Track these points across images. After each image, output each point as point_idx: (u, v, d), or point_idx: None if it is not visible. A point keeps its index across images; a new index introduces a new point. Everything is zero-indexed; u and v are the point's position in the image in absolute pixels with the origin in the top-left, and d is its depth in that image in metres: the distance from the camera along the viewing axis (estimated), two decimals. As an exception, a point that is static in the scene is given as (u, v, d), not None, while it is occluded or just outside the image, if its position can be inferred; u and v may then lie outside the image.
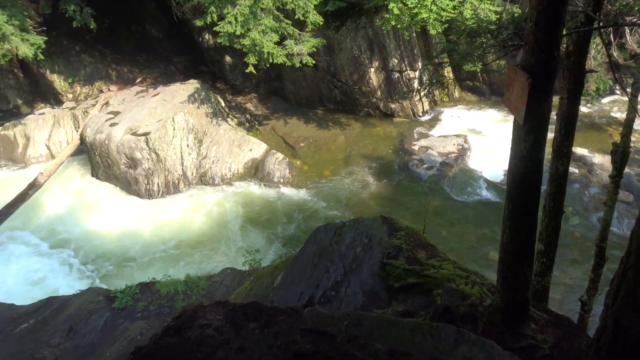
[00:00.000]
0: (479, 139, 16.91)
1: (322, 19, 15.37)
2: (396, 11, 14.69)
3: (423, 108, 18.65)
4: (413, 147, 16.49)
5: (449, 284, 5.25)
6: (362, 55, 17.69)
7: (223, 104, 18.48)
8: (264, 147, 16.85)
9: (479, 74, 19.12)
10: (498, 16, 14.70)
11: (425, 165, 15.69)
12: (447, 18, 15.01)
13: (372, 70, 17.94)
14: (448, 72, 18.77)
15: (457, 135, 16.81)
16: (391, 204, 14.28)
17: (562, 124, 4.85)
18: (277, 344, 2.54)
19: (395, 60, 17.63)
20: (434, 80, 15.77)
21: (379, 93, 18.38)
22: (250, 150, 16.67)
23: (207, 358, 2.57)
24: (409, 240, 6.35)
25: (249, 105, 19.63)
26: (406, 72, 17.87)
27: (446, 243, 11.68)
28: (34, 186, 14.72)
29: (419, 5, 14.48)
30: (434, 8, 14.48)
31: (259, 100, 20.01)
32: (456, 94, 19.58)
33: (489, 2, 15.30)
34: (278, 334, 2.62)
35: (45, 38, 15.48)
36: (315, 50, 15.78)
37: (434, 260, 5.91)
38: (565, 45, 4.50)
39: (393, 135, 17.67)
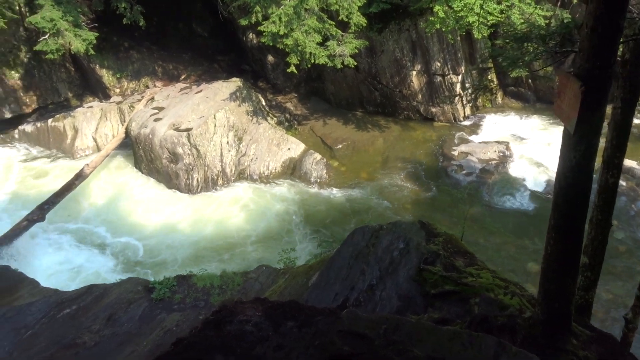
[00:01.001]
0: (521, 146, 16.50)
1: (366, 21, 15.34)
2: (441, 14, 14.51)
3: (464, 113, 18.35)
4: (452, 153, 16.24)
5: (487, 293, 5.15)
6: (404, 58, 17.55)
7: (264, 103, 18.68)
8: (302, 146, 16.94)
9: (524, 80, 18.67)
10: (547, 21, 14.34)
11: (464, 171, 15.44)
12: (494, 22, 14.72)
13: (414, 73, 17.77)
14: (492, 77, 18.40)
15: (498, 142, 16.45)
16: (428, 209, 14.11)
17: (614, 135, 4.68)
18: (314, 344, 2.56)
19: (438, 64, 17.41)
20: (482, 86, 15.45)
21: (419, 96, 18.19)
22: (289, 149, 16.80)
23: (245, 353, 2.61)
24: (447, 247, 6.27)
25: (289, 105, 19.77)
26: (448, 76, 17.62)
27: (483, 251, 11.46)
28: (80, 176, 15.27)
29: (465, 9, 14.25)
30: (481, 12, 14.21)
31: (299, 100, 20.14)
32: (499, 100, 19.16)
33: (537, 6, 14.91)
34: (316, 334, 2.64)
35: (97, 34, 16.06)
36: (357, 51, 15.76)
37: (472, 268, 5.81)
38: (621, 54, 4.34)
39: (432, 139, 17.46)
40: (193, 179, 15.74)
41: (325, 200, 15.07)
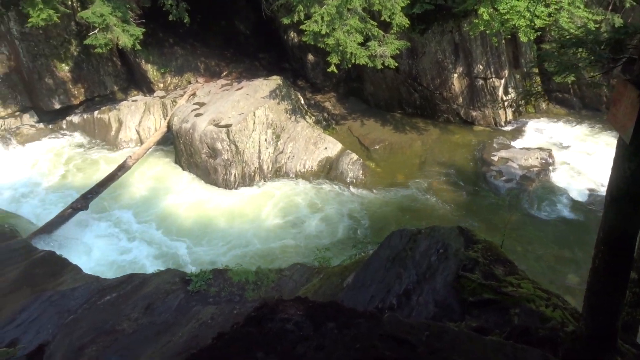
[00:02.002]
0: (564, 154, 16.04)
1: (408, 21, 15.20)
2: (486, 17, 14.23)
3: (506, 118, 17.95)
4: (492, 158, 15.92)
5: (527, 304, 5.03)
6: (446, 60, 17.32)
7: (302, 102, 18.77)
8: (339, 146, 16.94)
9: (570, 85, 18.13)
10: (597, 26, 13.87)
11: (504, 178, 15.11)
12: (541, 26, 14.34)
13: (455, 75, 17.50)
14: (537, 82, 17.93)
15: (540, 149, 16.04)
16: (465, 214, 13.88)
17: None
18: (355, 347, 2.56)
19: (481, 67, 17.10)
20: (534, 91, 15.04)
21: (460, 99, 17.91)
22: (326, 148, 16.83)
23: (286, 352, 2.63)
24: (487, 254, 6.15)
25: (327, 104, 19.80)
26: (491, 80, 17.28)
27: (521, 260, 11.19)
28: (122, 168, 15.73)
29: (511, 12, 13.94)
30: (527, 15, 13.88)
31: (338, 100, 20.14)
32: (543, 106, 18.66)
33: (587, 10, 14.45)
34: (357, 337, 2.64)
35: (143, 30, 16.48)
36: (398, 52, 15.64)
37: (512, 277, 5.68)
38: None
39: (472, 143, 17.15)
40: (231, 175, 15.97)
41: (361, 201, 15.02)
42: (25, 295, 8.94)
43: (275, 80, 18.13)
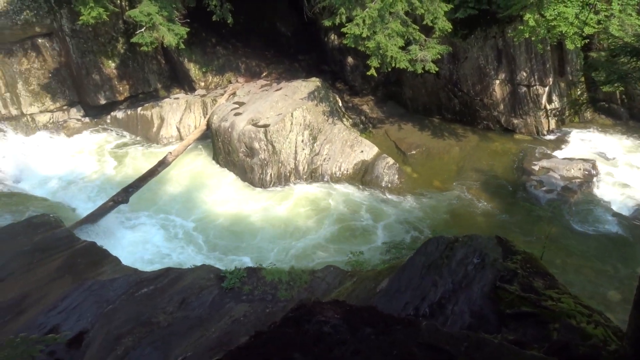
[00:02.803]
0: (609, 166, 15.52)
1: (451, 26, 15.01)
2: (532, 23, 13.92)
3: (549, 126, 17.49)
4: (533, 167, 15.55)
5: (568, 319, 4.89)
6: (488, 66, 17.01)
7: (340, 104, 18.79)
8: (375, 150, 16.87)
9: (618, 95, 17.52)
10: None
11: (544, 188, 14.73)
12: (589, 33, 13.92)
13: (497, 82, 17.17)
14: (582, 91, 17.40)
15: (584, 160, 15.55)
16: (503, 223, 13.60)
17: None
18: (393, 353, 2.55)
19: (524, 74, 16.72)
20: (581, 101, 14.59)
21: (501, 106, 17.56)
22: (362, 152, 16.79)
23: (323, 355, 2.64)
24: (526, 266, 6.01)
25: (365, 107, 19.76)
26: (534, 87, 16.87)
27: (561, 274, 10.84)
28: (163, 163, 16.10)
29: (559, 18, 13.59)
30: (576, 22, 13.49)
31: (375, 103, 20.07)
32: (588, 115, 18.09)
33: (639, 18, 13.96)
34: (394, 343, 2.62)
35: (188, 29, 16.84)
36: (439, 57, 15.47)
37: (552, 291, 5.53)
38: None
39: (512, 152, 16.79)
40: (267, 174, 16.13)
41: (396, 205, 14.92)
42: (68, 284, 9.26)
43: (314, 82, 18.21)
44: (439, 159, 16.79)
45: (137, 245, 13.55)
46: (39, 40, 18.34)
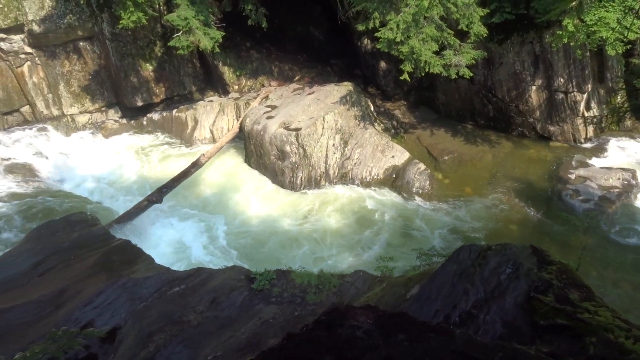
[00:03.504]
0: (650, 176, 15.01)
1: (487, 31, 14.82)
2: (571, 28, 13.59)
3: (586, 134, 17.01)
4: (569, 176, 15.16)
5: (605, 333, 4.74)
6: (525, 72, 16.70)
7: (372, 108, 18.75)
8: (406, 155, 16.77)
9: (661, 103, 16.93)
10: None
11: (580, 197, 14.34)
12: (632, 39, 13.51)
13: (534, 88, 16.83)
14: (623, 98, 16.88)
15: (623, 169, 15.08)
16: (536, 233, 13.31)
17: None
18: (425, 361, 2.53)
19: (562, 80, 16.34)
20: (623, 109, 14.17)
21: (537, 113, 17.20)
22: (393, 157, 16.72)
23: (354, 359, 2.65)
24: (561, 277, 5.86)
25: (397, 112, 19.66)
26: (572, 94, 16.46)
27: (597, 286, 10.56)
28: (196, 165, 16.39)
29: (599, 23, 13.23)
30: (617, 27, 13.12)
31: (408, 108, 19.95)
32: (628, 123, 17.52)
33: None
34: (427, 351, 2.61)
35: (223, 33, 17.11)
36: (474, 62, 15.28)
37: (588, 303, 5.38)
38: None
39: (547, 160, 16.42)
40: (297, 177, 16.22)
41: (426, 211, 14.78)
42: (103, 280, 9.50)
43: (346, 86, 18.24)
44: (472, 166, 16.56)
45: (169, 244, 13.82)
46: (81, 44, 18.94)
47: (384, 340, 2.78)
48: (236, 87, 20.69)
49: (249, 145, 17.26)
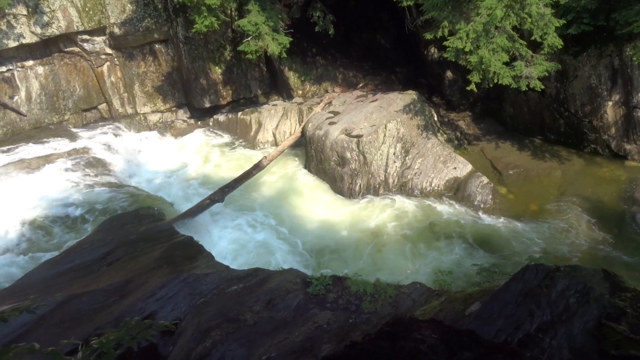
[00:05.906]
0: None
1: (562, 42, 14.22)
2: (656, 41, 12.81)
3: (667, 154, 15.94)
4: (646, 198, 14.25)
5: (685, 369, 4.41)
6: (601, 86, 15.87)
7: (435, 118, 18.46)
8: (469, 167, 16.36)
9: None
10: None
11: (658, 221, 13.44)
12: None
13: (610, 103, 15.96)
14: None
15: None
16: (607, 256, 12.58)
17: None
18: (492, 382, 2.45)
19: (642, 96, 15.39)
20: None
21: (612, 130, 16.28)
22: (455, 168, 16.35)
23: (418, 373, 2.61)
24: (636, 305, 5.50)
25: (461, 123, 19.23)
26: (653, 111, 15.47)
27: (674, 318, 9.83)
28: (257, 167, 16.75)
29: (689, 37, 12.38)
30: None
31: (472, 120, 19.47)
32: None
33: None
34: (494, 372, 2.53)
35: (291, 39, 17.43)
36: (546, 74, 14.69)
37: (666, 336, 5.02)
38: None
39: (621, 179, 15.48)
40: (356, 184, 16.21)
41: (488, 227, 14.33)
42: (165, 274, 9.88)
43: (410, 95, 18.06)
44: (538, 182, 15.90)
45: (228, 242, 14.17)
46: (156, 46, 19.89)
47: (448, 357, 2.72)
48: (300, 92, 20.99)
49: (309, 150, 17.43)
